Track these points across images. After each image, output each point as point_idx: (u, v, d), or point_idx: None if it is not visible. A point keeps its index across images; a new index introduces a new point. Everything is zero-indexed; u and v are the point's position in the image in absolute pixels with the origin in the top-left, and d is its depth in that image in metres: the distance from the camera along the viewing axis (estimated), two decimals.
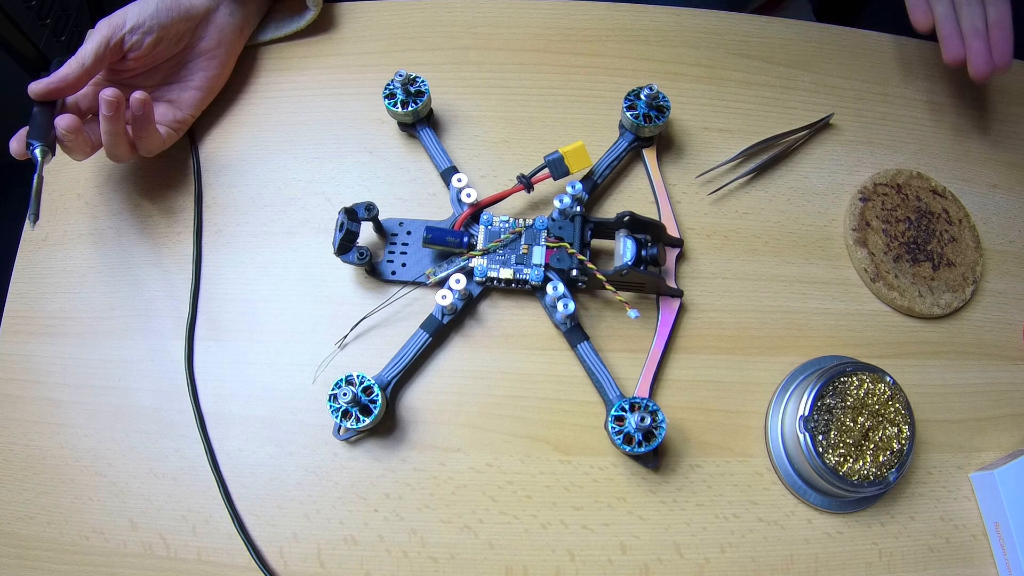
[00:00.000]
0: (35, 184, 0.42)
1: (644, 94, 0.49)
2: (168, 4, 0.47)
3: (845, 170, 0.53)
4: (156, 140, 0.48)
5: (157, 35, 0.47)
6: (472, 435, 0.45)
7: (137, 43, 0.46)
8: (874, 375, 0.43)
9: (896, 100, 0.56)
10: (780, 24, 0.58)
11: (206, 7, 0.50)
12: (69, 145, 0.44)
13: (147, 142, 0.47)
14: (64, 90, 0.44)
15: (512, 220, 0.47)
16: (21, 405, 0.46)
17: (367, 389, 0.42)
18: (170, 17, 0.47)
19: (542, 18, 0.57)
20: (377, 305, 0.47)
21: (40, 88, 0.43)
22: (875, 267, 0.49)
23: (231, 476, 0.44)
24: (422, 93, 0.50)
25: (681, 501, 0.44)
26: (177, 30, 0.48)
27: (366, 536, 0.43)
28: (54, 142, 0.43)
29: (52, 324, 0.48)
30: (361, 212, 0.46)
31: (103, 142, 0.45)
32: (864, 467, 0.41)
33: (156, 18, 0.46)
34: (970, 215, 0.52)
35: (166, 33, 0.47)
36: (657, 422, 0.41)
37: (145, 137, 0.46)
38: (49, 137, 0.43)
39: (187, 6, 0.48)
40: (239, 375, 0.46)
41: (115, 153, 0.46)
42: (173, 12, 0.47)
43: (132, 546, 0.43)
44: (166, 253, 0.50)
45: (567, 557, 0.43)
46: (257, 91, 0.54)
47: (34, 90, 0.43)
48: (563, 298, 0.44)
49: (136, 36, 0.46)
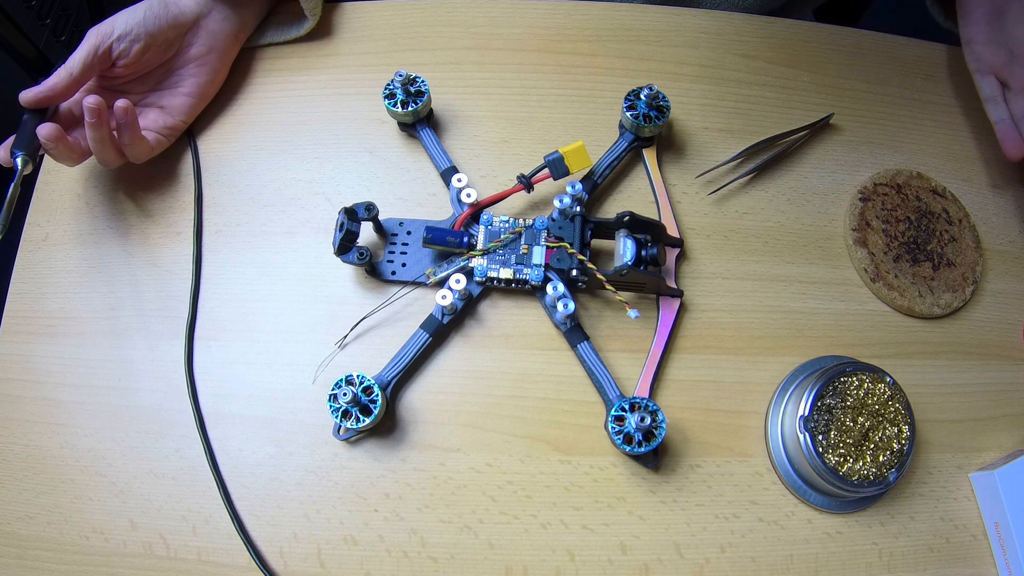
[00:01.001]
0: (10, 192, 0.42)
1: (644, 94, 0.49)
2: (156, 12, 0.47)
3: (845, 170, 0.53)
4: (143, 147, 0.48)
5: (145, 43, 0.47)
6: (472, 435, 0.45)
7: (125, 51, 0.46)
8: (874, 375, 0.43)
9: (896, 100, 0.56)
10: (780, 24, 0.58)
11: (196, 14, 0.50)
12: (53, 153, 0.44)
13: (133, 148, 0.47)
14: (53, 99, 0.45)
15: (512, 220, 0.47)
16: (21, 405, 0.46)
17: (367, 389, 0.42)
18: (158, 25, 0.47)
19: (542, 18, 0.57)
20: (377, 305, 0.47)
21: (30, 96, 0.44)
22: (875, 267, 0.49)
23: (231, 476, 0.44)
24: (422, 93, 0.50)
25: (681, 501, 0.44)
26: (165, 37, 0.48)
27: (366, 536, 0.43)
28: (37, 150, 0.44)
29: (52, 324, 0.48)
30: (361, 212, 0.46)
31: (91, 148, 0.45)
32: (864, 467, 0.41)
33: (144, 26, 0.47)
34: (970, 215, 0.52)
35: (154, 40, 0.47)
36: (657, 422, 0.41)
37: (131, 144, 0.47)
38: (32, 146, 0.44)
39: (175, 13, 0.49)
40: (239, 375, 0.46)
41: (103, 159, 0.46)
42: (161, 20, 0.48)
43: (132, 546, 0.43)
44: (166, 253, 0.50)
45: (567, 557, 0.43)
46: (257, 91, 0.54)
47: (25, 99, 0.44)
48: (563, 298, 0.44)
49: (124, 44, 0.46)
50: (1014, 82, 0.51)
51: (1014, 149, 0.50)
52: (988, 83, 0.52)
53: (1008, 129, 0.50)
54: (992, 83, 0.52)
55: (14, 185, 0.43)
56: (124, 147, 0.47)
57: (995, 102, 0.51)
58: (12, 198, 0.42)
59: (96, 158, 0.46)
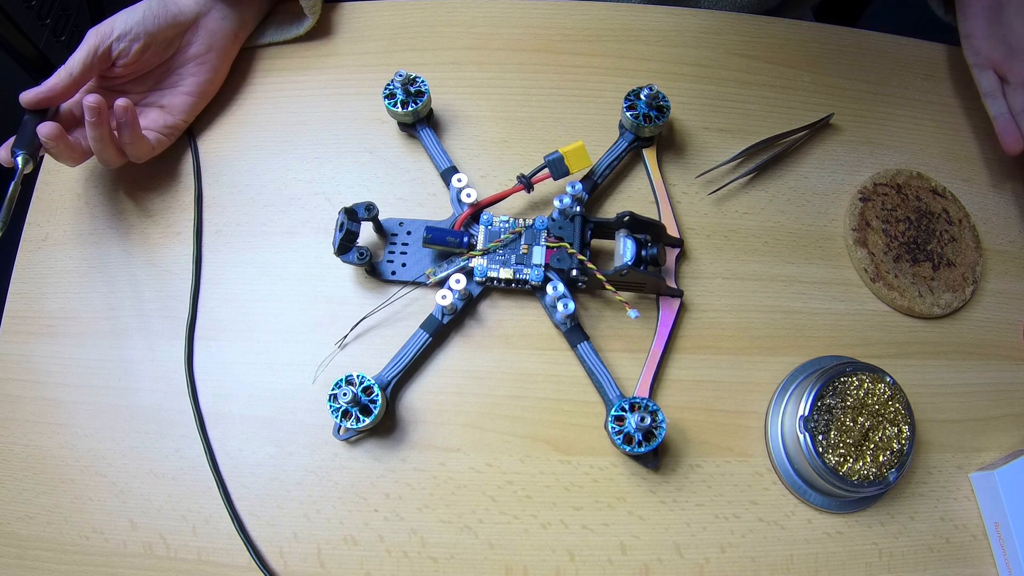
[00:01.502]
0: (11, 191, 0.43)
1: (644, 94, 0.49)
2: (156, 11, 0.47)
3: (845, 170, 0.53)
4: (144, 146, 0.48)
5: (144, 42, 0.47)
6: (472, 435, 0.45)
7: (125, 51, 0.46)
8: (874, 375, 0.43)
9: (896, 100, 0.56)
10: (780, 24, 0.58)
11: (195, 12, 0.50)
12: (54, 152, 0.44)
13: (134, 148, 0.47)
14: (53, 99, 0.45)
15: (512, 220, 0.47)
16: (21, 405, 0.46)
17: (367, 389, 0.42)
18: (157, 24, 0.47)
19: (542, 18, 0.57)
20: (377, 305, 0.47)
21: (30, 97, 0.44)
22: (875, 267, 0.49)
23: (231, 476, 0.44)
24: (422, 93, 0.50)
25: (681, 501, 0.44)
26: (165, 36, 0.48)
27: (366, 536, 0.43)
28: (38, 150, 0.44)
29: (52, 324, 0.48)
30: (361, 212, 0.46)
31: (92, 148, 0.46)
32: (864, 467, 0.41)
33: (143, 25, 0.47)
34: (970, 215, 0.52)
35: (153, 40, 0.47)
36: (657, 422, 0.41)
37: (131, 143, 0.47)
38: (33, 145, 0.44)
39: (175, 12, 0.49)
40: (239, 375, 0.46)
41: (104, 159, 0.46)
42: (160, 19, 0.48)
43: (132, 546, 0.43)
44: (166, 253, 0.50)
45: (567, 557, 0.43)
46: (257, 91, 0.54)
47: (25, 99, 0.44)
48: (563, 298, 0.44)
49: (123, 44, 0.46)
50: (1013, 76, 0.51)
51: (1013, 144, 0.50)
52: (987, 78, 0.52)
53: (1007, 123, 0.50)
54: (991, 78, 0.52)
55: (14, 184, 0.43)
56: (125, 146, 0.47)
57: (994, 97, 0.51)
58: (12, 196, 0.42)
59: (97, 158, 0.46)
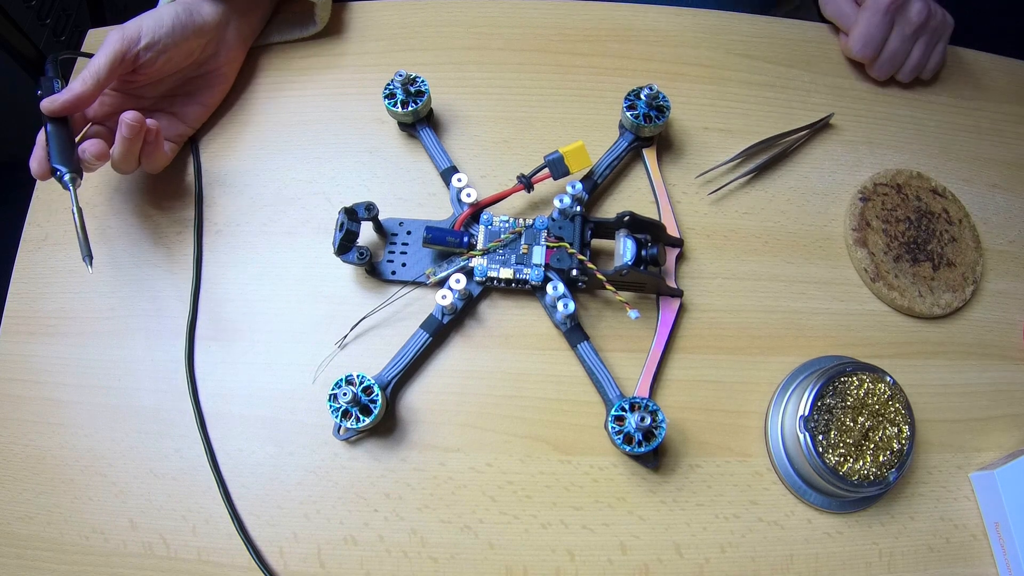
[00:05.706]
0: (77, 219, 0.41)
1: (644, 94, 0.49)
2: (183, 21, 0.47)
3: (845, 170, 0.53)
4: (163, 159, 0.48)
5: (170, 52, 0.47)
6: (472, 435, 0.45)
7: (151, 60, 0.46)
8: (874, 375, 0.43)
9: (896, 100, 0.56)
10: (780, 24, 0.58)
11: (216, 23, 0.50)
12: (91, 169, 0.44)
13: (154, 160, 0.47)
14: (80, 105, 0.43)
15: (512, 220, 0.47)
16: (21, 405, 0.46)
17: (367, 389, 0.42)
18: (184, 35, 0.47)
19: (542, 18, 0.57)
20: (377, 305, 0.47)
21: (56, 105, 0.42)
22: (875, 267, 0.49)
23: (231, 476, 0.44)
24: (422, 93, 0.50)
25: (681, 501, 0.44)
26: (189, 46, 0.48)
27: (366, 536, 0.43)
28: (78, 164, 0.43)
29: (52, 324, 0.48)
30: (361, 212, 0.46)
31: (114, 158, 0.45)
32: (864, 467, 0.41)
33: (171, 36, 0.46)
34: (970, 215, 0.52)
35: (178, 51, 0.47)
36: (657, 422, 0.41)
37: (153, 159, 0.47)
38: (73, 160, 0.42)
39: (200, 23, 0.48)
40: (239, 375, 0.46)
41: (123, 168, 0.46)
42: (188, 29, 0.47)
43: (132, 546, 0.43)
44: (166, 253, 0.50)
45: (567, 557, 0.43)
46: (258, 91, 0.54)
47: (49, 107, 0.42)
48: (563, 298, 0.44)
49: (151, 53, 0.46)
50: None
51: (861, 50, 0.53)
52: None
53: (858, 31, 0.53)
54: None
55: (76, 208, 0.41)
56: (143, 158, 0.47)
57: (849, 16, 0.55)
58: (81, 223, 0.41)
59: (114, 166, 0.46)
